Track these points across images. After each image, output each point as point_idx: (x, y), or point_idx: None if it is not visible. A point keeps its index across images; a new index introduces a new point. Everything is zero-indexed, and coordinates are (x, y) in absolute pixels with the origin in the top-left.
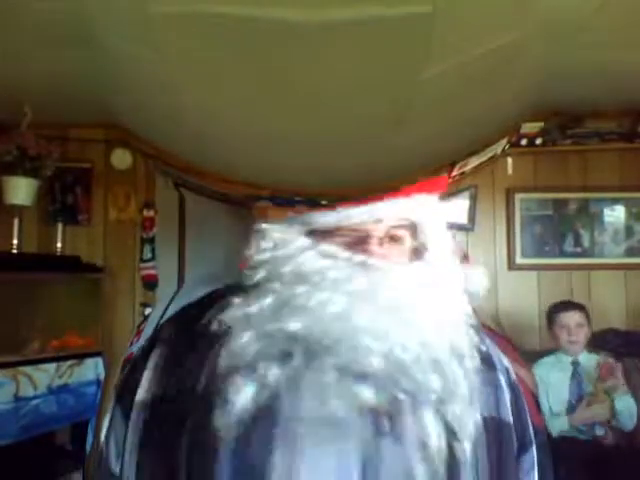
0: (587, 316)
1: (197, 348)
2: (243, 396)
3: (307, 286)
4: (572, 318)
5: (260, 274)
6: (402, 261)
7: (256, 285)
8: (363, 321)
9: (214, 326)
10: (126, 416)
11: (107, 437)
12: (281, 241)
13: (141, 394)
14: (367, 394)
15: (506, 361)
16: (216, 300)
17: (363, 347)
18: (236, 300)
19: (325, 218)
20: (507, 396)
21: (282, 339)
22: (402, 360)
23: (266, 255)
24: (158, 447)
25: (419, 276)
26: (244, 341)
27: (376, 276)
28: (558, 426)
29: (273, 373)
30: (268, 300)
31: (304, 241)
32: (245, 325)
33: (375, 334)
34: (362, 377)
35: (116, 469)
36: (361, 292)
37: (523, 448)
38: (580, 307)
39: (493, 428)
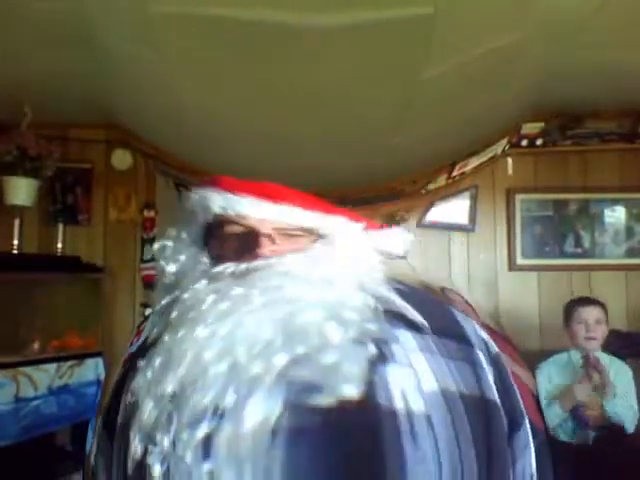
0: (606, 313)
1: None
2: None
3: (187, 330)
4: (591, 313)
5: (160, 308)
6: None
7: (155, 340)
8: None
9: (129, 397)
10: (111, 439)
11: (96, 458)
12: (180, 268)
13: (120, 419)
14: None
15: (484, 334)
16: (131, 365)
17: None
18: (140, 364)
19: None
20: (489, 373)
21: (166, 403)
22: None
23: (165, 290)
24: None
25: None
26: (145, 414)
27: (260, 283)
28: (553, 415)
29: (167, 444)
30: (158, 360)
31: (198, 271)
32: (145, 394)
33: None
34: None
35: None
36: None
37: (515, 426)
38: (599, 303)
39: (475, 407)
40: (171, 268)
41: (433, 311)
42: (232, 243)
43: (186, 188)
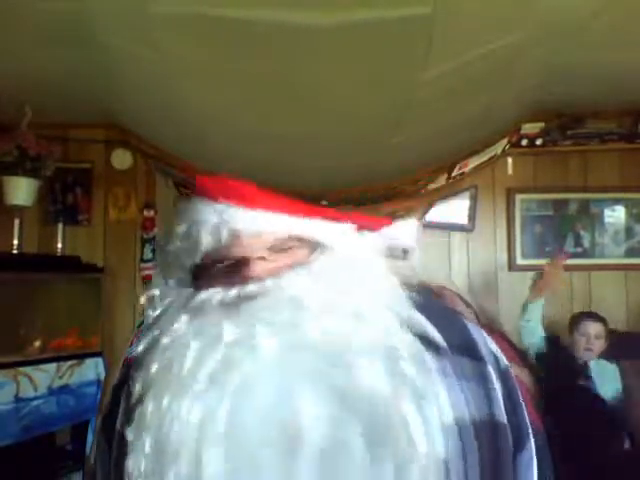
0: (606, 330)
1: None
2: None
3: (171, 400)
4: (593, 328)
5: (138, 354)
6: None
7: (137, 401)
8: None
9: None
10: (109, 446)
11: (95, 460)
12: (163, 311)
13: (118, 424)
14: None
15: (495, 348)
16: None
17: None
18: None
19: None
20: (499, 390)
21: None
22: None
23: (147, 331)
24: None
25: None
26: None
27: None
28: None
29: None
30: (147, 443)
31: (181, 319)
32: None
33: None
34: None
35: None
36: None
37: (520, 444)
38: (602, 319)
39: (485, 431)
40: (156, 313)
41: (448, 326)
42: (219, 274)
43: (186, 188)
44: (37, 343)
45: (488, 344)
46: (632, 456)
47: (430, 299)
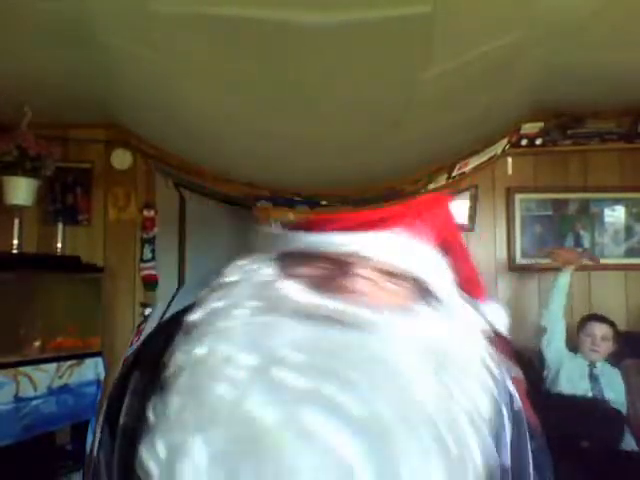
0: (614, 332)
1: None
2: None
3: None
4: (599, 330)
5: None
6: (397, 307)
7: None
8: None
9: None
10: (112, 437)
11: (98, 454)
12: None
13: (122, 418)
14: None
15: (512, 387)
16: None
17: None
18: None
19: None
20: (508, 432)
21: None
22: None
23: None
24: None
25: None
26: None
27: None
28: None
29: None
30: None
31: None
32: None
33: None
34: None
35: None
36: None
37: None
38: (609, 322)
39: (491, 476)
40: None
41: None
42: (314, 262)
43: (186, 188)
44: (37, 343)
45: (506, 385)
46: (635, 457)
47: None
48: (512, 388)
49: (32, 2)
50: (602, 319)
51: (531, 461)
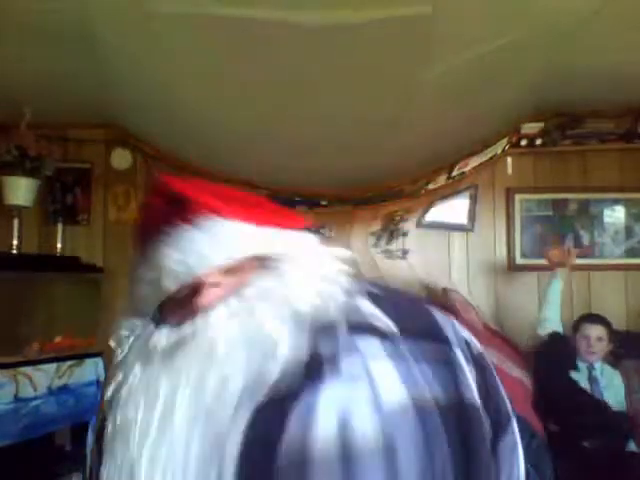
0: (610, 332)
1: None
2: None
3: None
4: (594, 331)
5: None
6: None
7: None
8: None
9: None
10: (101, 454)
11: (91, 469)
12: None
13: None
14: None
15: (466, 334)
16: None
17: None
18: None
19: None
20: (469, 373)
21: None
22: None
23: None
24: None
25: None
26: None
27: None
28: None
29: None
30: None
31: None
32: None
33: None
34: None
35: None
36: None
37: (499, 428)
38: (605, 322)
39: (453, 412)
40: (122, 355)
41: (408, 313)
42: (175, 304)
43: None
44: (37, 343)
45: (458, 330)
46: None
47: (391, 292)
48: (468, 336)
49: (32, 2)
50: (596, 320)
51: (506, 399)
